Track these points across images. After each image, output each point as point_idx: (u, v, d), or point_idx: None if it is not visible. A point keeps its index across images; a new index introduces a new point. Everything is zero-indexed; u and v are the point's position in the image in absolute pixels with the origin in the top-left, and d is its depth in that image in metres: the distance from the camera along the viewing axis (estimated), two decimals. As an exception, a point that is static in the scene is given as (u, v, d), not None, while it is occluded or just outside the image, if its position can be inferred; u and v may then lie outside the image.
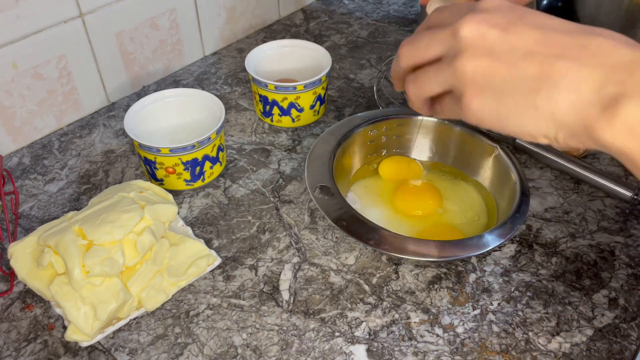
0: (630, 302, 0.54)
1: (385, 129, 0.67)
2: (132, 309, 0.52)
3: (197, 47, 0.86)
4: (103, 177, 0.68)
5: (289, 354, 0.50)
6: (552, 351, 0.50)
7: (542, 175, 0.67)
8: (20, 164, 0.69)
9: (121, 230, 0.50)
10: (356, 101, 0.79)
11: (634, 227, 0.61)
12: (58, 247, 0.49)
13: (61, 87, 0.72)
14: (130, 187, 0.57)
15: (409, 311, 0.53)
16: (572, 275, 0.57)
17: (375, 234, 0.53)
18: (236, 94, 0.81)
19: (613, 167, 0.68)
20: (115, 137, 0.73)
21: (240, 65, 0.86)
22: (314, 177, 0.59)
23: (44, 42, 0.67)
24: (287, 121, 0.74)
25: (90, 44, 0.72)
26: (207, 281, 0.56)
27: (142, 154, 0.63)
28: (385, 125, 0.67)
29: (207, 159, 0.64)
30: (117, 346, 0.50)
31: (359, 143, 0.66)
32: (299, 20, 0.98)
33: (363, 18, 0.99)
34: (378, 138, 0.67)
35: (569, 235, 0.60)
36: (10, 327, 0.52)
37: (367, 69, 0.86)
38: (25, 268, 0.52)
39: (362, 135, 0.66)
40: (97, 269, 0.48)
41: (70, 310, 0.48)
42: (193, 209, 0.63)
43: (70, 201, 0.64)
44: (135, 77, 0.80)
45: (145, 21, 0.77)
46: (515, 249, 0.59)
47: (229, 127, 0.75)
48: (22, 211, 0.63)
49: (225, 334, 0.51)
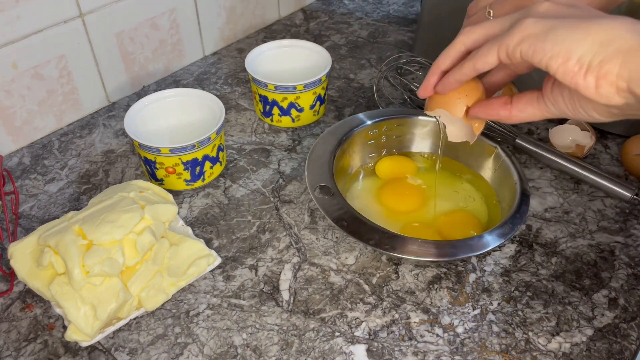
0: (630, 302, 0.54)
1: (385, 129, 0.67)
2: (132, 309, 0.52)
3: (197, 47, 0.86)
4: (103, 177, 0.68)
5: (289, 354, 0.50)
6: (552, 351, 0.50)
7: (542, 175, 0.67)
8: (20, 164, 0.69)
9: (121, 230, 0.50)
10: (356, 101, 0.79)
11: (634, 227, 0.61)
12: (58, 247, 0.49)
13: (61, 87, 0.72)
14: (130, 187, 0.57)
15: (409, 311, 0.53)
16: (572, 275, 0.57)
17: (375, 234, 0.53)
18: (236, 94, 0.81)
19: (613, 167, 0.68)
20: (115, 137, 0.73)
21: (240, 65, 0.86)
22: (314, 177, 0.59)
23: (44, 42, 0.67)
24: (287, 121, 0.74)
25: (90, 44, 0.72)
26: (207, 281, 0.56)
27: (142, 154, 0.63)
28: (386, 125, 0.67)
29: (207, 159, 0.64)
30: (117, 346, 0.50)
31: (359, 143, 0.66)
32: (299, 20, 0.98)
33: (363, 18, 0.99)
34: (378, 138, 0.67)
35: (569, 235, 0.60)
36: (10, 327, 0.52)
37: (367, 69, 0.86)
38: (25, 268, 0.52)
39: (362, 135, 0.66)
40: (97, 269, 0.48)
41: (70, 310, 0.48)
42: (193, 209, 0.63)
43: (70, 201, 0.64)
44: (135, 77, 0.80)
45: (145, 21, 0.77)
46: (515, 249, 0.59)
47: (229, 127, 0.75)
48: (22, 211, 0.63)
49: (225, 334, 0.51)
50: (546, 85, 0.41)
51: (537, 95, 0.42)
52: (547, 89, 0.41)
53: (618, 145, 0.71)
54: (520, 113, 0.43)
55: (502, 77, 0.48)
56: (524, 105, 0.43)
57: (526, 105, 0.43)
